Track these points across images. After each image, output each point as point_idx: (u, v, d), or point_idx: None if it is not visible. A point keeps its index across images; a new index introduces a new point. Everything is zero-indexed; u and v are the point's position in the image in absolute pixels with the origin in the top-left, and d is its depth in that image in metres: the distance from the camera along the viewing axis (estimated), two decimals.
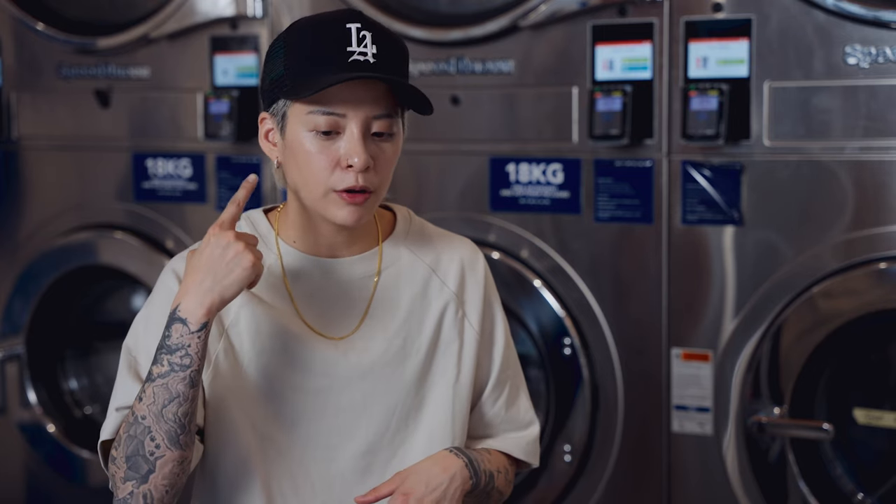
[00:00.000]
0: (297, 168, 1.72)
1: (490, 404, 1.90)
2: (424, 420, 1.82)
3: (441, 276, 1.85)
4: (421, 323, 1.82)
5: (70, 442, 3.37)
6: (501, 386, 1.91)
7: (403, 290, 1.83)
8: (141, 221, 3.25)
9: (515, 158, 2.83)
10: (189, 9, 3.07)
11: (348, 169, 1.69)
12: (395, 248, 1.84)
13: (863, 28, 2.49)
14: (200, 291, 1.63)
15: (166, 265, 1.81)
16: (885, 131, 2.50)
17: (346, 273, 1.80)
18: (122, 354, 1.79)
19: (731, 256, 2.64)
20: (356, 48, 1.67)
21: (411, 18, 2.87)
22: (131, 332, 1.79)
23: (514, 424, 1.92)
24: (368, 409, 1.79)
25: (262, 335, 1.76)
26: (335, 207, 1.71)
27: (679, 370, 2.70)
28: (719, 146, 2.61)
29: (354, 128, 1.68)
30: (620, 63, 2.69)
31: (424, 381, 1.82)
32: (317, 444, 1.78)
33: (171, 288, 1.76)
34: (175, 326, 1.64)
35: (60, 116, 3.34)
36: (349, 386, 1.78)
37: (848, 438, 2.68)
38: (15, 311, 3.40)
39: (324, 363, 1.77)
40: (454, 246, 1.89)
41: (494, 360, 1.89)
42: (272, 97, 1.73)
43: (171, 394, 1.64)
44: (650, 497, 2.76)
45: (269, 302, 1.77)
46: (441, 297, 1.84)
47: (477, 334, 1.86)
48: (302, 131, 1.70)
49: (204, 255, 1.64)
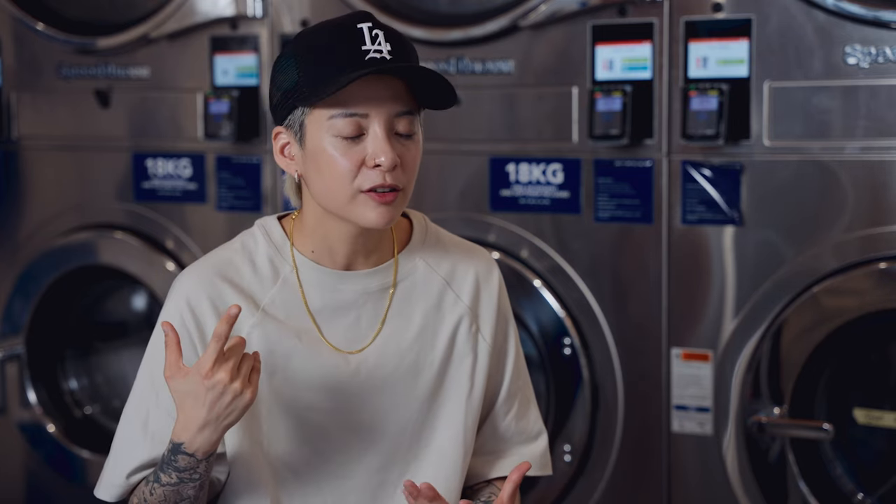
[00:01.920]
0: (321, 176, 1.69)
1: (501, 417, 1.88)
2: (437, 435, 1.80)
3: (455, 289, 1.83)
4: (434, 337, 1.81)
5: (70, 442, 3.37)
6: (512, 399, 1.89)
7: (418, 303, 1.81)
8: (141, 221, 3.25)
9: (515, 158, 2.83)
10: (189, 9, 3.07)
11: (375, 168, 1.66)
12: (410, 259, 1.82)
13: (863, 28, 2.49)
14: (205, 431, 1.62)
15: (175, 287, 1.78)
16: (885, 131, 2.50)
17: (363, 286, 1.78)
18: (137, 386, 1.78)
19: (731, 256, 2.64)
20: (371, 46, 1.65)
21: (411, 18, 2.87)
22: (145, 372, 1.77)
23: (524, 437, 1.90)
24: (382, 425, 1.78)
25: (274, 355, 1.74)
26: (365, 209, 1.68)
27: (679, 370, 2.70)
28: (719, 146, 2.61)
29: (378, 127, 1.66)
30: (620, 63, 2.69)
31: (437, 395, 1.80)
32: (330, 461, 1.76)
33: (182, 320, 1.73)
34: (181, 457, 1.64)
35: (60, 116, 3.34)
36: (363, 402, 1.77)
37: (848, 438, 2.68)
38: (15, 311, 3.40)
39: (338, 380, 1.76)
40: (470, 257, 1.87)
41: (506, 374, 1.88)
42: (287, 109, 1.70)
43: (182, 496, 1.66)
44: (650, 497, 2.76)
45: (282, 318, 1.75)
46: (455, 310, 1.82)
47: (490, 348, 1.84)
48: (325, 137, 1.67)
49: (200, 398, 1.60)
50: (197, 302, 1.74)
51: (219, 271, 1.76)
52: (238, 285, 1.75)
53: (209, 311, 1.74)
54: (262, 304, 1.75)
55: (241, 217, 3.10)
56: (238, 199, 3.11)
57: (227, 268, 1.77)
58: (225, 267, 1.77)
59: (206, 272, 1.76)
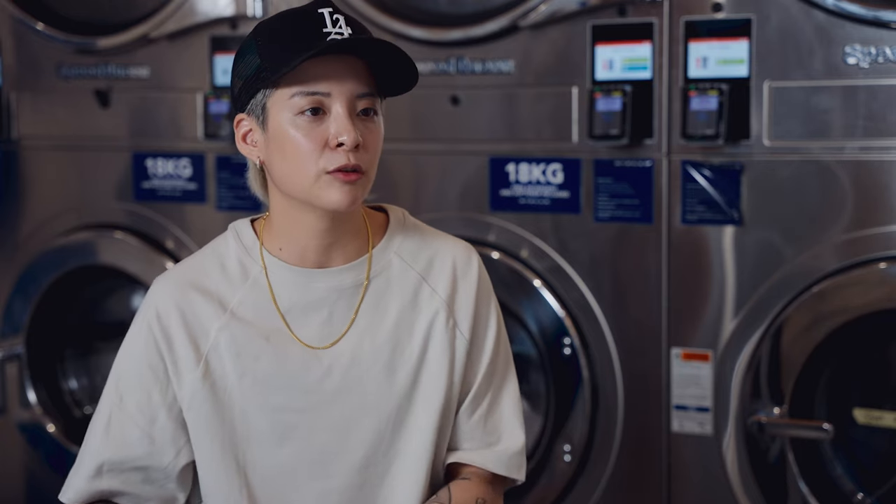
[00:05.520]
0: (284, 157, 1.69)
1: (467, 415, 1.83)
2: (416, 431, 1.78)
3: (432, 283, 1.81)
4: (410, 333, 1.78)
5: (70, 442, 3.37)
6: (480, 398, 1.83)
7: (392, 299, 1.79)
8: (141, 221, 3.25)
9: (515, 158, 2.83)
10: (189, 9, 3.07)
11: (338, 148, 1.66)
12: (385, 255, 1.81)
13: (863, 28, 2.49)
14: None
15: (147, 296, 1.80)
16: (885, 131, 2.50)
17: (336, 282, 1.77)
18: (105, 391, 1.80)
19: (731, 256, 2.64)
20: (332, 28, 1.65)
21: (411, 18, 2.87)
22: (112, 377, 1.80)
23: (493, 437, 1.84)
24: (360, 423, 1.76)
25: (243, 357, 1.74)
26: (329, 190, 1.67)
27: (679, 370, 2.70)
28: (719, 146, 2.61)
29: (340, 106, 1.66)
30: (620, 63, 2.69)
31: (415, 390, 1.78)
32: (310, 462, 1.75)
33: (150, 329, 1.76)
34: None
35: (60, 116, 3.34)
36: (338, 400, 1.75)
37: (848, 438, 2.68)
38: (15, 311, 3.40)
39: (311, 379, 1.75)
40: (447, 249, 1.84)
41: (479, 372, 1.83)
42: (249, 94, 1.70)
43: None
44: (650, 497, 2.76)
45: (251, 320, 1.75)
46: (431, 305, 1.80)
47: (467, 343, 1.81)
48: (287, 117, 1.67)
49: None
50: (165, 311, 1.76)
51: (188, 279, 1.78)
52: (206, 289, 1.76)
53: (176, 320, 1.75)
54: (230, 306, 1.75)
55: (241, 217, 3.09)
56: (238, 199, 3.11)
57: (197, 274, 1.78)
58: (194, 273, 1.78)
59: (176, 280, 1.78)
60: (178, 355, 1.74)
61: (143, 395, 1.75)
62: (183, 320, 1.75)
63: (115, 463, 1.76)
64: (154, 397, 1.75)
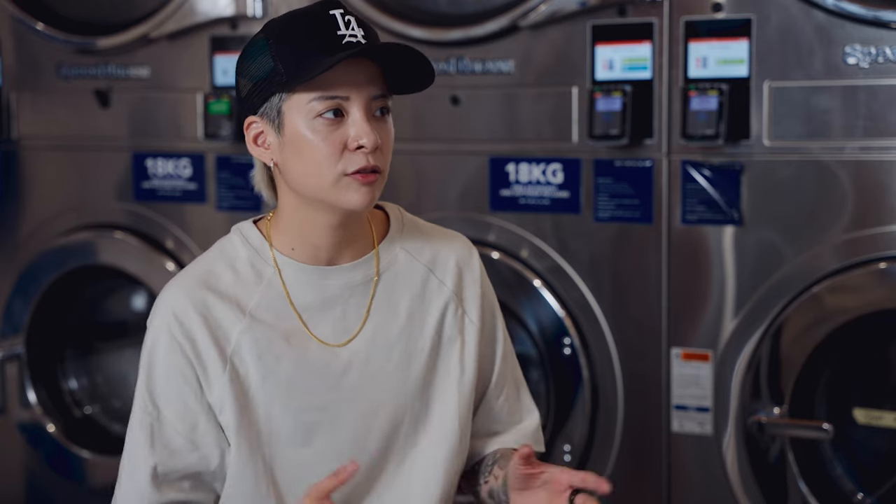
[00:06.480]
0: (302, 160, 1.69)
1: (495, 398, 1.90)
2: (433, 421, 1.81)
3: (439, 275, 1.84)
4: (422, 324, 1.81)
5: (70, 442, 3.37)
6: (504, 381, 1.91)
7: (403, 293, 1.81)
8: (141, 221, 3.25)
9: (515, 158, 2.83)
10: (189, 9, 3.07)
11: (357, 151, 1.67)
12: (391, 250, 1.83)
13: (863, 28, 2.49)
14: None
15: (159, 303, 1.78)
16: (885, 131, 2.50)
17: (347, 279, 1.78)
18: (136, 408, 1.77)
19: (731, 256, 2.64)
20: (346, 31, 1.67)
21: (411, 18, 2.87)
22: (144, 381, 1.77)
23: (520, 416, 1.93)
24: (378, 417, 1.78)
25: (265, 359, 1.74)
26: (348, 191, 1.68)
27: (679, 370, 2.70)
28: (719, 146, 2.61)
29: (358, 110, 1.67)
30: (620, 63, 2.69)
31: (430, 382, 1.81)
32: (330, 458, 1.75)
33: (172, 335, 1.74)
34: None
35: (60, 116, 3.34)
36: (357, 396, 1.77)
37: (848, 438, 2.68)
38: (15, 311, 3.40)
39: (330, 377, 1.76)
40: (448, 242, 1.88)
41: (497, 354, 1.90)
42: (262, 97, 1.70)
43: None
44: (650, 497, 2.76)
45: (270, 322, 1.75)
46: (440, 296, 1.83)
47: (478, 330, 1.85)
48: (304, 120, 1.67)
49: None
50: (184, 313, 1.74)
51: (201, 281, 1.76)
52: (222, 293, 1.75)
53: (197, 322, 1.74)
54: (249, 309, 1.75)
55: (241, 217, 3.04)
56: (238, 199, 3.11)
57: (209, 277, 1.77)
58: (206, 276, 1.77)
59: (188, 284, 1.76)
60: (205, 360, 1.73)
61: (179, 404, 1.74)
62: (205, 324, 1.73)
63: (166, 474, 1.74)
64: (191, 404, 1.74)
